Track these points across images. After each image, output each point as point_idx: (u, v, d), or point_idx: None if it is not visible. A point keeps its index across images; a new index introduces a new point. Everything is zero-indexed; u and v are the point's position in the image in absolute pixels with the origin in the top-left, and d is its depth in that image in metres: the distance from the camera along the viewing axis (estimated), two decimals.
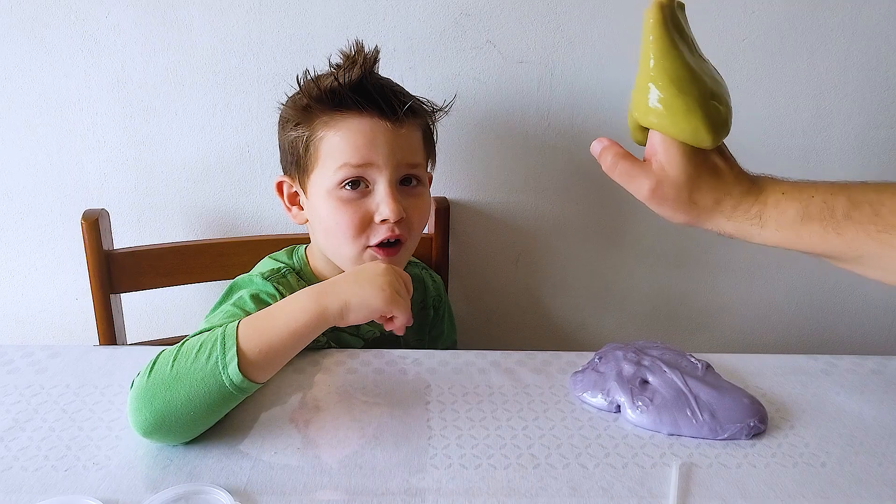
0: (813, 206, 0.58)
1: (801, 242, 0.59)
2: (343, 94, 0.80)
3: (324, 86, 0.81)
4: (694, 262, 1.23)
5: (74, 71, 1.04)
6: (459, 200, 1.15)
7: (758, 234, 0.60)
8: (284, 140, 0.87)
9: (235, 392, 0.64)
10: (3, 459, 0.63)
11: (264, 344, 0.65)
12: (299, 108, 0.84)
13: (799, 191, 0.59)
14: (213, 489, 0.59)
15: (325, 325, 0.68)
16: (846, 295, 1.26)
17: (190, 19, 1.02)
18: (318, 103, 0.82)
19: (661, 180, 0.60)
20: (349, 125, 0.81)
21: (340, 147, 0.81)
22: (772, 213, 0.59)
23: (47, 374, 0.76)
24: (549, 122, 1.11)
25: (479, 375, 0.78)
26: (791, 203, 0.59)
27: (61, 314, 1.19)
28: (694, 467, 0.65)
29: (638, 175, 0.61)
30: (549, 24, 1.05)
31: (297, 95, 0.85)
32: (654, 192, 0.60)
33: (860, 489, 0.63)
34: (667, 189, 0.60)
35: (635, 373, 0.73)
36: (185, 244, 1.04)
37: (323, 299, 0.67)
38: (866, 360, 0.83)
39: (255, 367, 0.64)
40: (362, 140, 0.81)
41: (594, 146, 0.64)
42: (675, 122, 0.58)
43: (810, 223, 0.58)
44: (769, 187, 0.60)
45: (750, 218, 0.60)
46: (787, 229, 0.59)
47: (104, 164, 1.10)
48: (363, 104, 0.81)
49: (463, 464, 0.64)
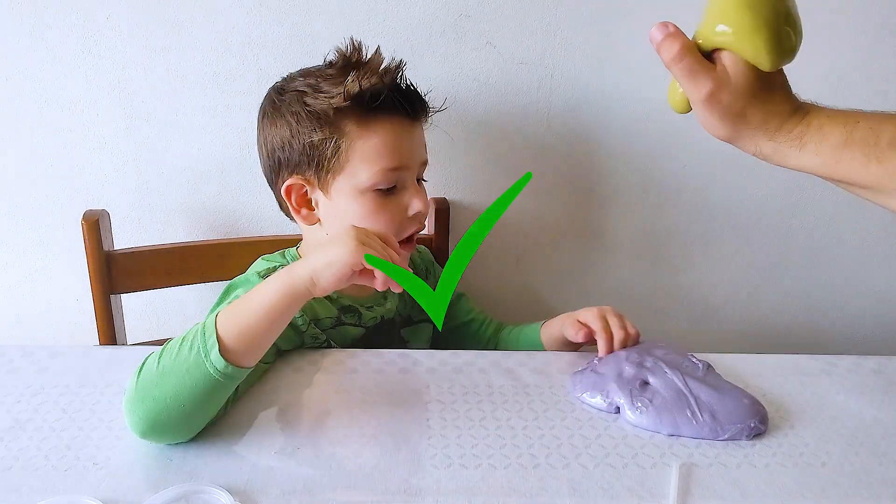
0: (858, 131, 0.55)
1: (838, 169, 0.57)
2: (384, 97, 0.80)
3: (364, 86, 0.80)
4: (694, 262, 1.23)
5: (75, 72, 1.04)
6: (459, 201, 1.15)
7: (795, 157, 0.58)
8: (299, 141, 0.82)
9: (222, 379, 0.63)
10: (3, 459, 0.63)
11: (242, 327, 0.64)
12: (321, 110, 0.81)
13: (845, 116, 0.57)
14: (213, 489, 0.59)
15: (298, 298, 0.66)
16: (846, 295, 1.26)
17: (190, 20, 1.02)
18: (355, 104, 0.80)
19: (722, 85, 0.58)
20: (384, 128, 0.82)
21: (377, 150, 0.81)
22: (814, 136, 0.57)
23: (47, 374, 0.76)
24: (549, 123, 1.11)
25: (479, 375, 0.78)
26: (835, 127, 0.56)
27: (62, 314, 1.19)
28: (694, 467, 0.65)
29: (701, 75, 0.58)
30: (549, 26, 1.05)
31: (311, 98, 0.82)
32: (711, 95, 0.58)
33: (860, 489, 0.63)
34: (724, 95, 0.58)
35: (636, 374, 0.73)
36: (186, 245, 1.04)
37: (291, 272, 0.66)
38: (866, 360, 0.83)
39: (236, 351, 0.64)
40: (398, 143, 0.82)
41: (656, 31, 0.59)
42: (740, 38, 0.57)
43: (852, 148, 0.55)
44: (815, 111, 0.58)
45: (791, 139, 0.58)
46: (827, 154, 0.56)
47: (105, 165, 1.10)
48: (399, 106, 0.82)
49: (463, 464, 0.64)
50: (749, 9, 0.56)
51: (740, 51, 0.57)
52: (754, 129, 0.59)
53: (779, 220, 1.20)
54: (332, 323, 0.86)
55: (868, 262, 1.23)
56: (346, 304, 0.88)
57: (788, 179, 1.15)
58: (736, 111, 0.58)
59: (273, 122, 0.85)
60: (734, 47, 0.57)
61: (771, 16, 0.56)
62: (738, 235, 1.20)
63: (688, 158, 1.14)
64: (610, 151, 1.13)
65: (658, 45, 0.59)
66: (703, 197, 1.17)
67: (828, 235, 1.21)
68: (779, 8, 0.56)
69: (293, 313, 0.68)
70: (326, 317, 0.86)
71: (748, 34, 0.56)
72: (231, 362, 0.63)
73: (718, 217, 1.19)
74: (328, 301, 0.86)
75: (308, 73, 0.85)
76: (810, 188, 1.17)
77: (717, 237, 1.21)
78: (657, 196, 1.17)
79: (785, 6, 0.57)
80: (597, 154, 1.14)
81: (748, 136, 0.59)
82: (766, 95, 0.58)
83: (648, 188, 1.16)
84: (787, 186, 1.17)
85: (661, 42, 0.58)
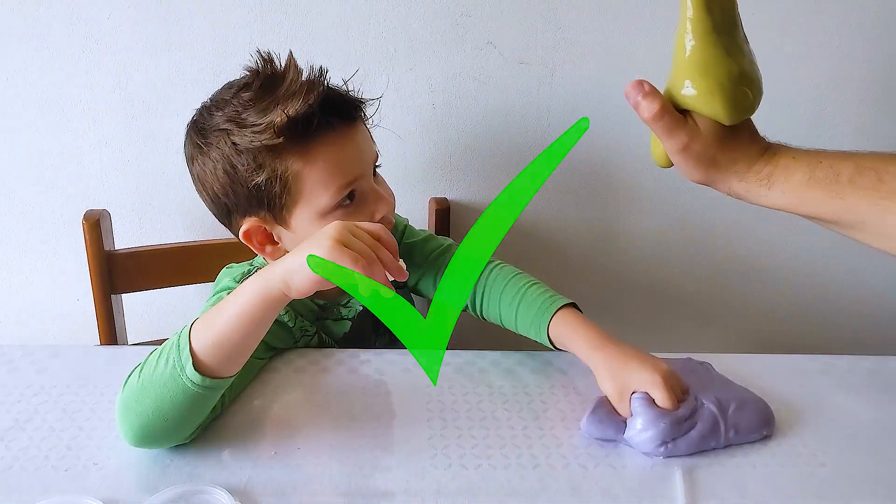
0: (819, 170, 0.59)
1: (804, 205, 0.61)
2: (315, 119, 0.73)
3: (292, 115, 0.72)
4: (694, 262, 1.23)
5: (76, 71, 1.04)
6: (459, 201, 1.15)
7: (764, 196, 0.62)
8: (241, 185, 0.76)
9: (201, 391, 0.62)
10: (3, 459, 0.63)
11: (216, 337, 0.62)
12: (254, 149, 0.74)
13: (808, 156, 0.61)
14: (213, 489, 0.59)
15: (272, 303, 0.62)
16: (846, 295, 1.26)
17: (191, 20, 1.02)
18: (289, 136, 0.73)
19: (694, 137, 0.62)
20: (326, 148, 0.76)
21: (327, 172, 0.76)
22: (780, 176, 0.61)
23: (48, 374, 0.76)
24: (550, 123, 1.11)
25: (479, 375, 0.78)
26: (799, 166, 0.60)
27: (62, 314, 1.19)
28: (694, 468, 0.65)
29: (676, 130, 0.62)
30: (550, 25, 1.05)
31: (238, 136, 0.75)
32: (685, 147, 0.62)
33: (859, 489, 0.63)
34: (696, 146, 0.62)
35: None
36: (186, 245, 1.04)
37: (265, 276, 0.62)
38: (865, 360, 0.83)
39: (212, 363, 0.62)
40: (345, 156, 0.77)
41: (632, 89, 0.62)
42: (701, 101, 0.61)
43: (815, 186, 0.59)
44: (781, 151, 0.62)
45: (759, 179, 0.62)
46: (793, 192, 0.60)
47: (105, 165, 1.10)
48: (334, 121, 0.76)
49: (463, 464, 0.64)
50: (703, 75, 0.60)
51: (703, 111, 0.61)
52: (724, 172, 0.63)
53: (780, 219, 1.19)
54: (315, 317, 0.86)
55: (868, 262, 1.23)
56: (321, 303, 0.87)
57: None
58: (707, 158, 0.63)
59: (204, 166, 0.79)
60: (697, 108, 0.61)
61: (724, 80, 0.60)
62: (739, 235, 1.20)
63: None
64: (610, 151, 1.13)
65: (636, 103, 0.62)
66: (703, 197, 1.17)
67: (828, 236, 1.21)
68: (732, 70, 0.60)
69: (270, 319, 0.65)
70: (308, 311, 0.85)
71: (706, 98, 0.60)
72: (208, 375, 0.62)
73: (719, 217, 1.19)
74: (307, 299, 0.82)
75: (224, 103, 0.78)
76: None
77: (718, 237, 1.20)
78: (657, 196, 1.17)
79: (738, 67, 0.60)
80: (597, 154, 1.13)
81: (720, 179, 0.64)
82: (733, 142, 0.62)
83: (649, 188, 1.16)
84: None
85: (640, 102, 0.62)
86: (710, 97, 0.60)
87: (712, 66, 0.60)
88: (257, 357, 0.76)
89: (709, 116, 0.61)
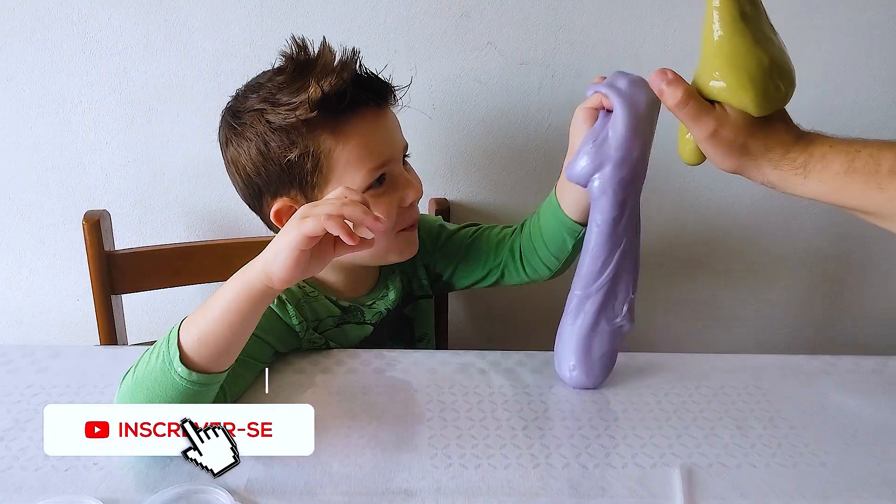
0: (859, 159, 0.57)
1: (842, 196, 0.59)
2: (350, 95, 0.75)
3: (327, 90, 0.74)
4: (695, 263, 1.23)
5: (76, 72, 1.04)
6: (460, 201, 1.15)
7: (800, 185, 0.60)
8: (274, 163, 0.77)
9: (191, 385, 0.62)
10: (3, 459, 0.63)
11: (201, 333, 0.62)
12: (288, 125, 0.75)
13: (847, 145, 0.59)
14: (213, 489, 0.59)
15: (258, 297, 0.62)
16: (846, 295, 1.26)
17: (191, 21, 1.02)
18: (323, 111, 0.75)
19: (723, 123, 0.60)
20: (359, 128, 0.77)
21: (359, 153, 0.77)
22: (817, 165, 0.59)
23: (48, 374, 0.76)
24: (550, 123, 1.11)
25: (479, 375, 0.78)
26: (837, 156, 0.58)
27: (62, 315, 1.19)
28: (694, 467, 0.65)
29: (704, 116, 0.60)
30: (551, 26, 1.05)
31: (272, 114, 0.76)
32: (714, 133, 0.60)
33: (860, 489, 0.63)
34: (725, 132, 0.60)
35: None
36: (187, 245, 1.04)
37: (245, 271, 0.63)
38: (866, 359, 0.83)
39: (198, 359, 0.62)
40: (376, 138, 0.79)
41: (655, 77, 0.61)
42: (731, 94, 0.59)
43: (853, 176, 0.58)
44: (817, 140, 0.60)
45: (795, 168, 0.60)
46: (830, 182, 0.59)
47: (105, 165, 1.10)
48: (366, 99, 0.77)
49: (463, 464, 0.64)
50: (731, 67, 0.58)
51: (733, 103, 0.59)
52: (757, 160, 0.61)
53: (780, 220, 1.19)
54: (336, 322, 0.86)
55: (868, 262, 1.23)
56: (345, 305, 0.87)
57: None
58: (738, 146, 0.60)
59: (239, 148, 0.79)
60: (727, 100, 0.60)
61: (755, 71, 0.58)
62: (740, 235, 1.20)
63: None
64: None
65: (660, 91, 0.61)
66: (704, 197, 1.17)
67: (828, 236, 1.21)
68: (762, 61, 0.58)
69: (257, 315, 0.64)
70: (329, 316, 0.85)
71: (735, 91, 0.59)
72: (195, 368, 0.62)
73: (720, 216, 1.19)
74: (329, 301, 0.85)
75: (258, 87, 0.79)
76: None
77: (719, 237, 1.20)
78: (658, 196, 1.17)
79: (769, 57, 0.58)
80: None
81: (753, 167, 0.62)
82: (765, 130, 0.60)
83: (649, 188, 1.16)
84: None
85: (664, 89, 0.61)
86: (739, 90, 0.58)
87: (741, 57, 0.58)
88: (262, 361, 0.76)
89: (740, 108, 0.59)
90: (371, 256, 0.82)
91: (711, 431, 0.70)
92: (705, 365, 0.80)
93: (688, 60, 0.63)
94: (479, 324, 1.26)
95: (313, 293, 0.84)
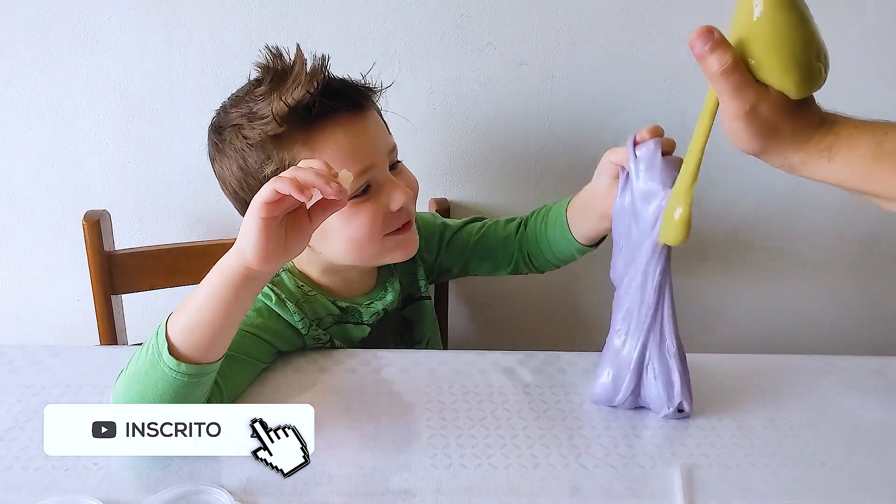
0: (887, 142, 0.54)
1: (869, 180, 0.55)
2: (318, 105, 0.73)
3: (291, 104, 0.72)
4: (696, 263, 1.23)
5: (76, 73, 1.04)
6: (460, 202, 1.15)
7: (824, 168, 0.56)
8: (254, 177, 0.77)
9: (181, 377, 0.61)
10: (3, 459, 0.63)
11: (187, 322, 0.62)
12: (264, 140, 0.75)
13: (873, 127, 0.56)
14: (213, 489, 0.59)
15: (237, 284, 0.61)
16: (847, 295, 1.26)
17: (191, 21, 1.02)
18: (292, 124, 0.74)
19: (763, 99, 0.55)
20: (332, 136, 0.75)
21: (336, 161, 0.73)
22: (843, 147, 0.55)
23: (48, 374, 0.76)
24: (550, 124, 1.11)
25: (479, 375, 0.78)
26: (864, 137, 0.55)
27: (62, 315, 1.19)
28: (694, 467, 0.65)
29: (748, 90, 0.55)
30: (551, 27, 1.05)
31: (248, 129, 0.75)
32: (752, 110, 0.55)
33: (860, 489, 0.63)
34: (764, 110, 0.56)
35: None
36: (187, 245, 1.04)
37: (224, 259, 0.62)
38: (867, 360, 0.82)
39: (185, 349, 0.62)
40: (353, 144, 0.76)
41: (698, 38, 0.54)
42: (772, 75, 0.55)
43: (882, 160, 0.54)
44: (841, 121, 0.57)
45: (820, 150, 0.56)
46: (857, 165, 0.55)
47: (106, 165, 1.10)
48: (338, 107, 0.75)
49: (463, 464, 0.64)
50: (775, 46, 0.54)
51: (772, 84, 0.55)
52: (784, 141, 0.57)
53: (779, 220, 1.19)
54: (334, 320, 0.86)
55: (869, 262, 1.23)
56: (343, 305, 0.86)
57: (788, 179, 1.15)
58: (770, 125, 0.57)
59: (222, 165, 0.80)
60: (766, 80, 0.55)
61: (802, 53, 0.54)
62: (739, 235, 1.20)
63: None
64: None
65: (701, 55, 0.55)
66: (703, 197, 1.17)
67: (828, 235, 1.21)
68: (810, 42, 0.54)
69: (242, 303, 0.64)
70: (328, 314, 0.85)
71: (778, 73, 0.54)
72: (184, 360, 0.62)
73: (719, 217, 1.19)
74: (327, 301, 0.85)
75: (239, 101, 0.79)
76: (811, 189, 1.16)
77: (719, 237, 1.20)
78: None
79: (815, 38, 0.54)
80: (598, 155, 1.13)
81: (777, 149, 0.58)
82: (798, 110, 0.57)
83: None
84: (787, 187, 1.16)
85: (707, 54, 0.54)
86: (782, 72, 0.54)
87: (786, 37, 0.53)
88: (262, 360, 0.77)
89: (777, 88, 0.55)
90: (362, 260, 0.82)
91: (711, 431, 0.70)
92: (705, 364, 0.80)
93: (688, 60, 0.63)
94: (480, 326, 1.26)
95: (312, 293, 0.84)
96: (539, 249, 0.93)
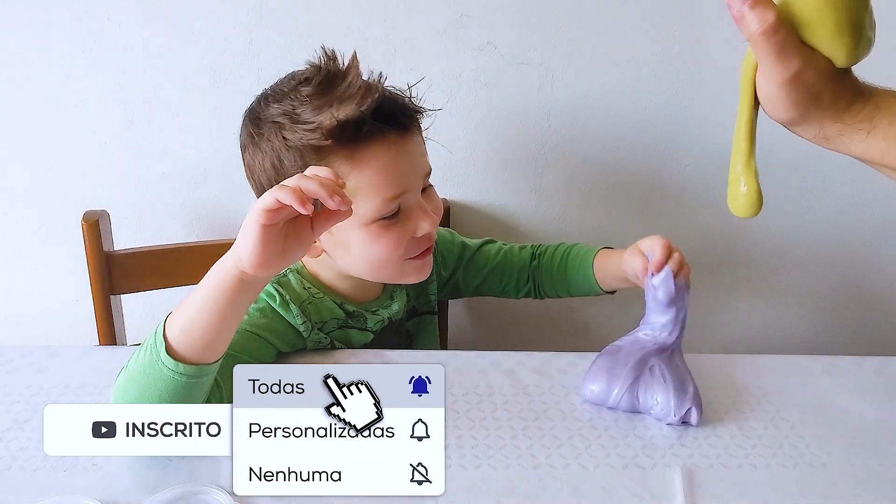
0: None
1: None
2: (368, 125, 0.72)
3: (342, 120, 0.71)
4: (696, 264, 1.22)
5: (75, 72, 1.04)
6: (459, 202, 1.15)
7: (860, 142, 0.52)
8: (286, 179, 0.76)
9: (179, 377, 0.61)
10: (3, 459, 0.63)
11: (185, 323, 0.61)
12: (305, 147, 0.73)
13: None
14: (213, 489, 0.59)
15: (233, 285, 0.60)
16: (847, 295, 1.26)
17: (191, 20, 1.02)
18: (337, 139, 0.72)
19: (810, 64, 0.51)
20: (376, 156, 0.74)
21: (374, 182, 0.74)
22: (884, 119, 0.51)
23: (47, 374, 0.76)
24: (550, 124, 1.11)
25: (479, 375, 0.78)
26: None
27: (61, 315, 1.19)
28: (694, 468, 0.65)
29: (791, 51, 0.50)
30: (550, 26, 1.05)
31: (289, 132, 0.74)
32: (797, 75, 0.50)
33: (861, 489, 0.63)
34: (809, 76, 0.51)
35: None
36: (186, 245, 1.04)
37: (220, 261, 0.62)
38: (867, 360, 0.83)
39: (183, 349, 0.61)
40: (394, 167, 0.75)
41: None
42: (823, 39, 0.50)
43: None
44: (880, 91, 0.53)
45: (859, 121, 0.52)
46: None
47: (105, 165, 1.10)
48: (386, 128, 0.74)
49: (463, 464, 0.64)
50: (832, 10, 0.49)
51: (819, 47, 0.51)
52: (824, 110, 0.52)
53: (779, 220, 1.19)
54: (338, 324, 0.86)
55: (870, 263, 1.23)
56: (350, 309, 0.86)
57: (789, 180, 1.15)
58: (814, 93, 0.52)
59: (254, 156, 0.78)
60: (813, 43, 0.51)
61: (859, 18, 0.50)
62: (738, 235, 1.20)
63: (689, 159, 1.14)
64: (611, 152, 1.13)
65: (739, 15, 0.50)
66: (704, 197, 1.17)
67: (828, 236, 1.21)
68: (868, 5, 0.50)
69: (239, 303, 0.63)
70: (333, 318, 0.85)
71: (830, 37, 0.50)
72: (182, 360, 0.61)
73: (719, 217, 1.19)
74: (334, 304, 0.85)
75: (283, 96, 0.77)
76: (811, 188, 1.16)
77: (719, 237, 1.20)
78: (658, 196, 1.17)
79: (870, 5, 0.50)
80: (598, 154, 1.13)
81: (815, 119, 0.53)
82: (841, 77, 0.52)
83: (649, 188, 1.16)
84: (786, 187, 1.16)
85: (745, 12, 0.49)
86: (835, 36, 0.49)
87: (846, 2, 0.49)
88: (264, 360, 0.76)
89: (824, 53, 0.51)
90: (377, 277, 0.83)
91: (712, 431, 0.70)
92: (706, 365, 0.80)
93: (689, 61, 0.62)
94: (479, 332, 1.26)
95: (318, 295, 0.84)
96: (553, 288, 0.98)
